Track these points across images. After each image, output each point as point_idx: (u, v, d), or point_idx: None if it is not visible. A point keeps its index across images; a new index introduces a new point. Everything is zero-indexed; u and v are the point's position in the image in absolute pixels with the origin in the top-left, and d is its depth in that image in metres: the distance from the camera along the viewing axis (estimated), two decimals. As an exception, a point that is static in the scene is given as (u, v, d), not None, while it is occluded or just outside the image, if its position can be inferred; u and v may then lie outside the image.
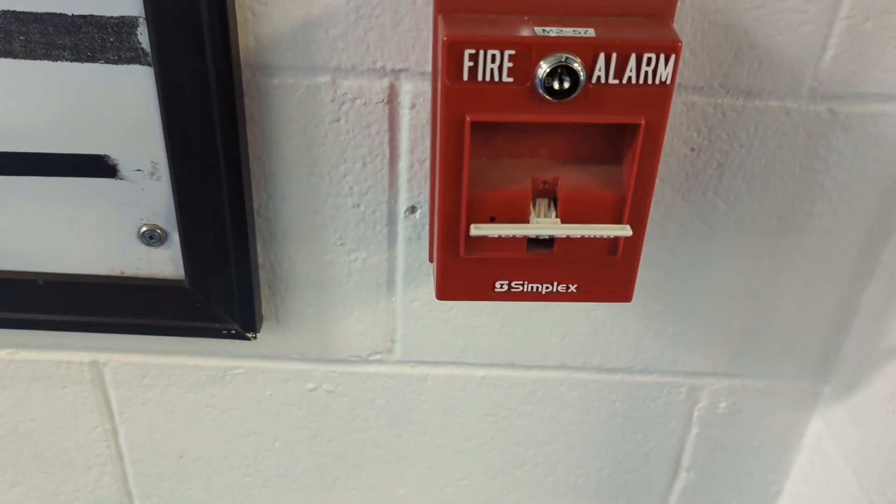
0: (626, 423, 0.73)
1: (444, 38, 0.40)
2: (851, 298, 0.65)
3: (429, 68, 0.54)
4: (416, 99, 0.55)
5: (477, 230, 0.43)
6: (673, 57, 0.40)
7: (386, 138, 0.57)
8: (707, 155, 0.57)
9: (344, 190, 0.60)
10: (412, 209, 0.61)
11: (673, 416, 0.72)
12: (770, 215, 0.60)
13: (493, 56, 0.40)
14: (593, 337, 0.67)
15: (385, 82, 0.55)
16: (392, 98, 0.55)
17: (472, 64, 0.40)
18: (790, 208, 0.60)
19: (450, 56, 0.40)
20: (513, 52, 0.40)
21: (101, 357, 0.69)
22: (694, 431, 0.73)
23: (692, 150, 0.57)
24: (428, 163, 0.58)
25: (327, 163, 0.58)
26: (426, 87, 0.55)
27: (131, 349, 0.69)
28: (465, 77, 0.40)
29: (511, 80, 0.41)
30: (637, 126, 0.42)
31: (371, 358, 0.69)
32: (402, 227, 0.62)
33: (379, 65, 0.54)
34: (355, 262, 0.64)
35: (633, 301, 0.51)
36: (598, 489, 0.78)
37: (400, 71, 0.54)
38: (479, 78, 0.41)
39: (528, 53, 0.40)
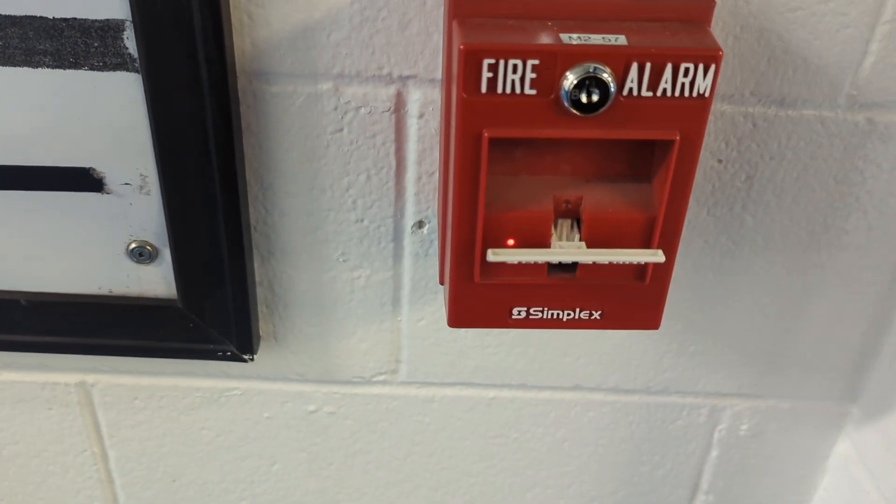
0: (642, 445, 0.69)
1: (461, 47, 0.36)
2: (883, 317, 0.61)
3: (439, 75, 0.50)
4: (425, 108, 0.52)
5: (495, 256, 0.39)
6: (713, 67, 0.36)
7: (392, 149, 0.53)
8: (735, 167, 0.54)
9: (347, 204, 0.56)
10: (419, 224, 0.57)
11: (693, 439, 0.68)
12: (800, 230, 0.57)
13: (515, 66, 0.36)
14: (610, 357, 0.64)
15: (391, 90, 0.51)
16: (399, 107, 0.52)
17: (491, 75, 0.36)
18: (822, 223, 0.56)
19: (467, 66, 0.36)
20: (536, 61, 0.36)
21: (90, 378, 0.65)
22: (714, 454, 0.69)
23: (719, 161, 0.54)
24: (437, 175, 0.54)
25: (329, 175, 0.55)
26: (436, 95, 0.51)
27: (121, 370, 0.65)
28: (484, 89, 0.37)
29: (534, 92, 0.37)
30: (671, 142, 0.38)
31: (375, 379, 0.66)
32: (408, 242, 0.58)
33: (385, 71, 0.50)
34: (359, 280, 0.60)
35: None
36: (611, 512, 0.74)
37: (408, 78, 0.50)
38: (499, 90, 0.37)
39: (552, 63, 0.36)
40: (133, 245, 0.56)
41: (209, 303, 0.58)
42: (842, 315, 0.61)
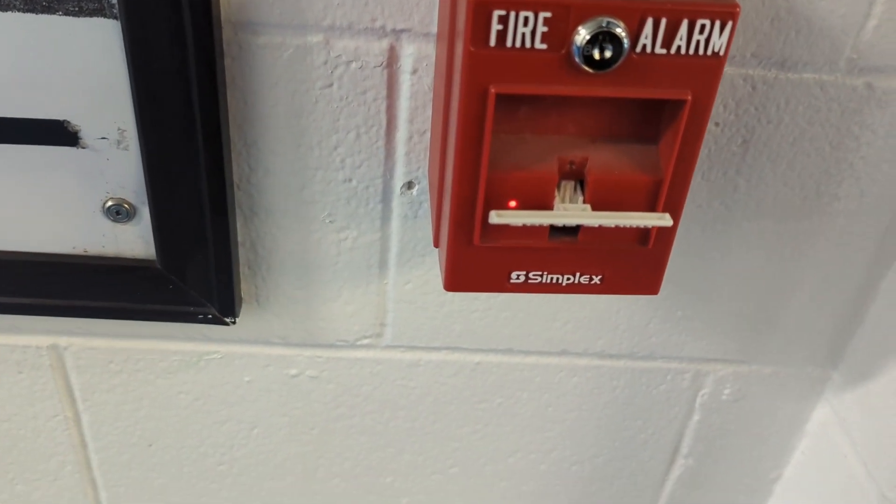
0: (626, 409, 0.69)
1: (470, -3, 0.34)
2: (869, 284, 0.61)
3: (434, 29, 0.48)
4: (419, 63, 0.50)
5: (499, 217, 0.38)
6: (730, 24, 0.35)
7: (383, 106, 0.51)
8: (732, 130, 0.53)
9: (335, 163, 0.54)
10: (409, 185, 0.55)
11: (676, 403, 0.69)
12: (793, 196, 0.56)
13: (526, 19, 0.34)
14: (598, 322, 0.63)
15: (384, 44, 0.49)
16: (392, 61, 0.50)
17: (500, 27, 0.35)
18: (815, 189, 0.56)
19: (476, 17, 0.34)
20: (548, 14, 0.34)
21: (62, 341, 0.63)
22: (696, 418, 0.70)
23: (716, 125, 0.53)
24: (428, 135, 0.53)
25: (317, 133, 0.53)
26: (430, 50, 0.49)
27: (95, 333, 0.63)
28: (493, 42, 0.35)
29: (544, 46, 0.35)
30: (682, 103, 0.37)
31: (359, 343, 0.64)
32: (397, 204, 0.56)
33: (378, 24, 0.48)
34: (345, 242, 0.58)
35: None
36: (592, 476, 0.75)
37: (401, 31, 0.48)
38: (508, 44, 0.35)
39: (565, 16, 0.35)
40: (110, 203, 0.53)
41: (190, 264, 0.56)
42: (829, 282, 0.61)
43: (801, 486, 0.72)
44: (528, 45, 0.35)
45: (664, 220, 0.39)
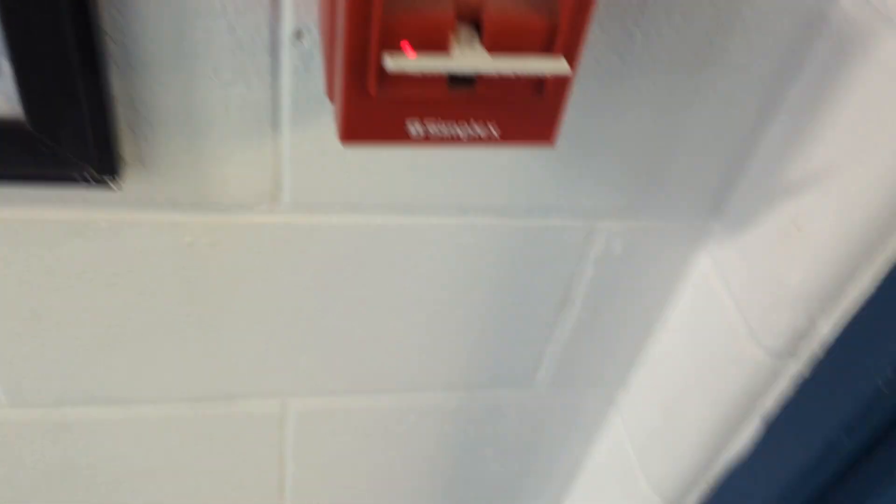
0: (521, 264, 0.71)
1: None
2: (753, 136, 0.64)
3: None
4: None
5: (395, 64, 0.36)
6: None
7: (267, -55, 0.47)
8: (630, -21, 0.52)
9: (216, 8, 0.50)
10: (298, 34, 0.52)
11: (570, 257, 0.71)
12: (687, 49, 0.57)
13: None
14: (497, 178, 0.63)
15: None
16: None
17: None
18: (707, 41, 0.57)
19: None
20: None
21: (-75, 212, 0.58)
22: (588, 269, 0.73)
23: (615, -27, 0.52)
24: (318, -22, 0.49)
25: (194, -27, 0.48)
26: None
27: (-36, 202, 0.58)
28: None
29: None
30: (580, -63, 0.36)
31: (256, 207, 0.62)
32: (287, 56, 0.53)
33: None
34: (233, 98, 0.55)
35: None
36: (486, 324, 0.77)
37: None
38: None
39: None
40: (-38, 54, 0.48)
41: (61, 122, 0.51)
42: (716, 134, 0.63)
43: (682, 332, 0.77)
44: None
45: (560, 64, 0.38)
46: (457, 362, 0.80)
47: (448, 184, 0.63)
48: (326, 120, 0.58)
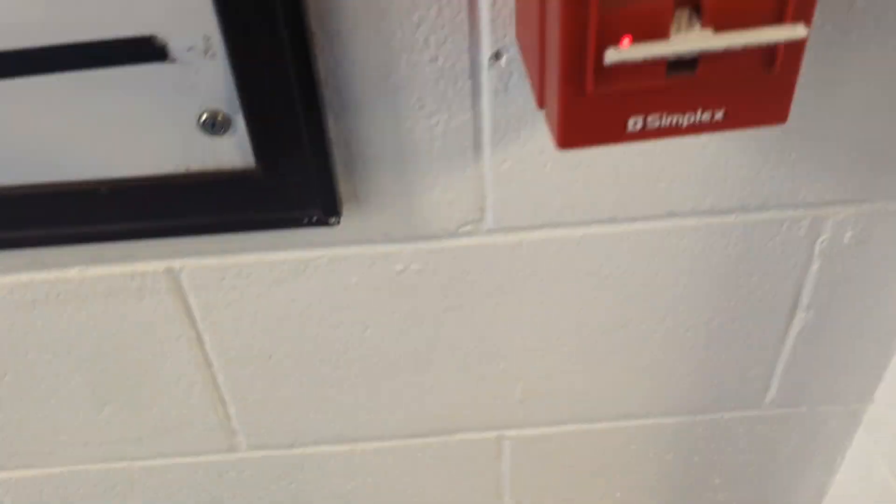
0: (739, 267, 0.67)
1: None
2: None
3: None
4: (497, -82, 0.47)
5: (616, 55, 0.36)
6: None
7: (463, -27, 0.49)
8: (842, -57, 0.49)
9: (419, 42, 0.52)
10: (497, 55, 0.53)
11: (793, 254, 0.66)
12: (914, 9, 0.52)
13: None
14: (704, 177, 0.61)
15: None
16: (468, -79, 0.47)
17: None
18: (937, -2, 0.51)
19: None
20: None
21: (176, 264, 0.65)
22: (815, 267, 0.67)
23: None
24: (513, -3, 0.50)
25: (398, 12, 0.51)
26: None
27: (205, 252, 0.64)
28: None
29: None
30: None
31: (461, 230, 0.64)
32: (486, 78, 0.55)
33: None
34: (437, 126, 0.57)
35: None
36: (708, 341, 0.74)
37: None
38: None
39: None
40: (205, 115, 0.53)
41: (289, 168, 0.55)
42: (955, 100, 0.57)
43: (930, 326, 0.69)
44: None
45: (797, 31, 0.36)
46: (679, 384, 0.77)
47: (652, 189, 0.61)
48: (524, 138, 0.58)
